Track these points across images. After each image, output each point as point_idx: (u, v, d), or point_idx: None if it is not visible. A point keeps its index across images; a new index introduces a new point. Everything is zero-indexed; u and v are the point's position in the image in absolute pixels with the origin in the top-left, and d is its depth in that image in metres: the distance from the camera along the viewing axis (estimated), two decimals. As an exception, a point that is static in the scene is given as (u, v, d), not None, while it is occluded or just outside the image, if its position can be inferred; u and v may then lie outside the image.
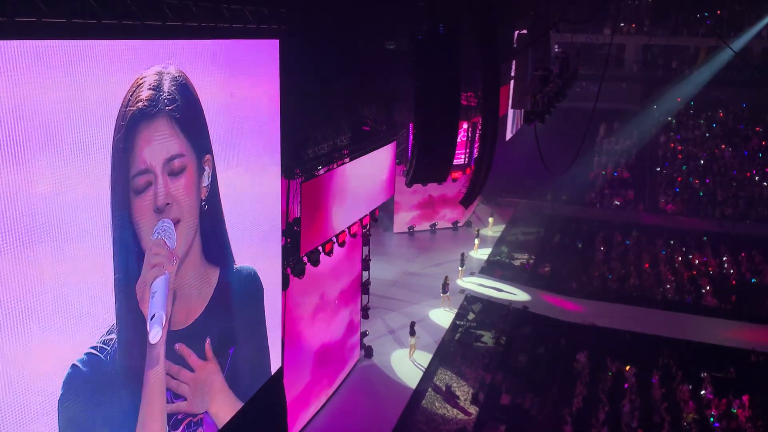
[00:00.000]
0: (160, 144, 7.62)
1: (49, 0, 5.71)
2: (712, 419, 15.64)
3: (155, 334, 7.92)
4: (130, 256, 7.37)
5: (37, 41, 5.71)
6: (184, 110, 7.97)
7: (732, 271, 24.61)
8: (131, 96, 6.99)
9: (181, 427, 8.95)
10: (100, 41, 6.46)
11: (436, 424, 15.45)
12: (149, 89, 7.27)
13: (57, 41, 5.92)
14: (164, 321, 8.04)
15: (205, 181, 8.63)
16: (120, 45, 6.76)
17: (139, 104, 7.14)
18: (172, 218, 8.00)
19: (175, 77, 7.73)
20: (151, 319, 7.81)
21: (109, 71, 6.61)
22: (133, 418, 7.86)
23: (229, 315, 9.87)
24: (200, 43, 8.19)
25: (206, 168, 8.61)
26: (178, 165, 7.98)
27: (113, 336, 7.19)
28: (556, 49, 33.10)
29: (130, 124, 7.04)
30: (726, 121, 38.75)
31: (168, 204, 7.87)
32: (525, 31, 29.44)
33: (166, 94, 7.59)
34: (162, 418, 8.45)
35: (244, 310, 10.35)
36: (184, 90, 7.93)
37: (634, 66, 41.37)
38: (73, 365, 6.66)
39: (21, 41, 5.52)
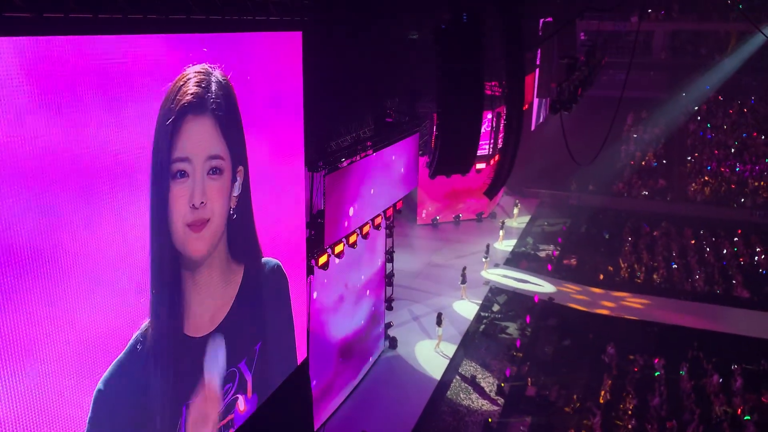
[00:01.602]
0: (204, 141, 7.83)
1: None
2: (741, 411, 15.37)
3: None
4: (164, 244, 7.55)
5: (68, 37, 5.82)
6: (227, 116, 8.15)
7: (763, 261, 24.09)
8: (178, 90, 7.22)
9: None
10: (126, 36, 6.54)
11: (461, 415, 15.44)
12: (197, 86, 7.50)
13: (88, 36, 6.03)
14: None
15: (236, 191, 8.71)
16: (144, 39, 6.83)
17: (189, 97, 7.39)
18: (205, 217, 8.16)
19: (221, 82, 7.92)
20: None
21: (128, 65, 6.69)
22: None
23: (254, 311, 9.93)
24: (224, 36, 8.23)
25: (238, 178, 8.73)
26: (216, 165, 8.16)
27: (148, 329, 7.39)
28: (582, 37, 32.64)
29: (180, 114, 7.30)
30: (758, 107, 37.86)
31: (203, 203, 8.03)
32: (550, 19, 29.09)
33: (213, 96, 7.80)
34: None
35: (270, 303, 10.42)
36: (228, 97, 8.13)
37: (662, 53, 40.60)
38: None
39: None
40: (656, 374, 16.82)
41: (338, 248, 13.21)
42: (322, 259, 12.50)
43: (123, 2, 6.35)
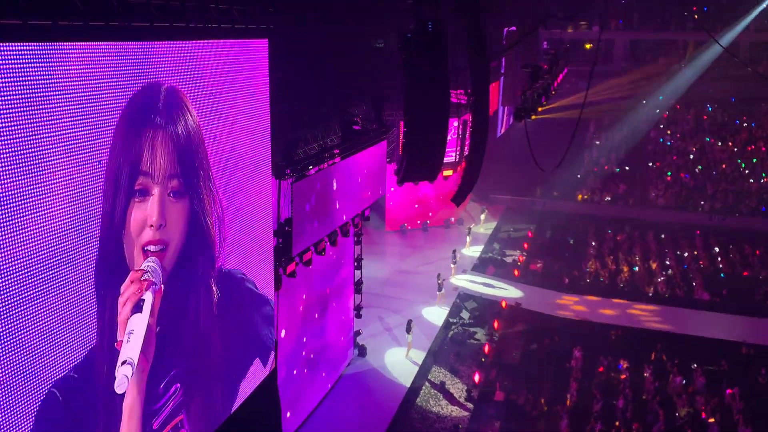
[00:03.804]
0: (167, 158, 7.66)
1: (33, 2, 5.65)
2: (704, 412, 15.72)
3: (121, 383, 6.97)
4: (116, 267, 7.25)
5: (25, 43, 5.68)
6: (185, 132, 8.01)
7: (722, 264, 24.77)
8: (134, 103, 7.03)
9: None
10: (87, 43, 6.41)
11: (431, 421, 15.46)
12: (151, 101, 7.34)
13: (42, 44, 5.88)
14: (132, 371, 7.13)
15: (204, 221, 8.50)
16: (107, 47, 6.71)
17: (147, 114, 7.26)
18: (162, 241, 7.84)
19: (176, 95, 7.76)
20: (122, 364, 6.98)
21: (94, 75, 6.57)
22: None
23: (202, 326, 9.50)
24: (189, 44, 8.15)
25: (203, 193, 8.49)
26: (177, 186, 7.93)
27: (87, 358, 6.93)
28: (545, 46, 33.21)
29: (136, 129, 7.14)
30: (715, 115, 38.99)
31: (162, 225, 7.73)
32: (514, 28, 29.53)
33: (169, 112, 7.66)
34: None
35: (229, 316, 10.13)
36: (184, 110, 7.98)
37: (623, 62, 41.52)
38: (50, 391, 6.43)
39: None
40: (622, 377, 17.12)
41: (306, 257, 13.15)
42: (290, 268, 12.42)
43: (84, 8, 6.24)
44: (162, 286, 7.87)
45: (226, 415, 10.26)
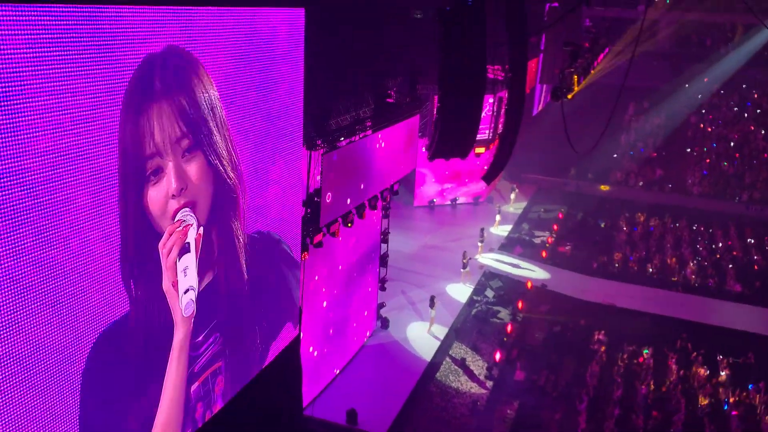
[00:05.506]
0: (170, 125, 7.42)
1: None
2: (726, 406, 15.55)
3: (188, 307, 8.19)
4: (144, 244, 7.38)
5: (43, 5, 5.49)
6: (192, 92, 7.78)
7: (757, 256, 24.19)
8: (141, 73, 6.79)
9: (199, 380, 9.11)
10: (110, 6, 6.24)
11: (450, 396, 15.58)
12: (158, 68, 7.09)
13: (63, 5, 5.70)
14: (196, 294, 8.32)
15: (220, 165, 8.49)
16: (132, 12, 6.60)
17: (150, 83, 6.98)
18: (188, 202, 7.91)
19: (187, 55, 7.57)
20: (185, 293, 8.08)
21: (117, 45, 6.42)
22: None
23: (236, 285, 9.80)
24: (226, 11, 8.13)
25: (214, 140, 8.40)
26: (187, 144, 7.75)
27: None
28: (587, 24, 32.38)
29: (139, 103, 6.85)
30: (760, 102, 37.72)
31: (183, 188, 7.72)
32: (556, 4, 28.83)
33: (173, 74, 7.41)
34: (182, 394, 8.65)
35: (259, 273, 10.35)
36: (194, 70, 7.76)
37: (667, 43, 40.25)
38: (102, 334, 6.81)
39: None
40: (643, 359, 16.96)
41: (333, 228, 13.21)
42: (318, 238, 12.51)
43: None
44: (201, 230, 8.25)
45: (259, 368, 10.65)
